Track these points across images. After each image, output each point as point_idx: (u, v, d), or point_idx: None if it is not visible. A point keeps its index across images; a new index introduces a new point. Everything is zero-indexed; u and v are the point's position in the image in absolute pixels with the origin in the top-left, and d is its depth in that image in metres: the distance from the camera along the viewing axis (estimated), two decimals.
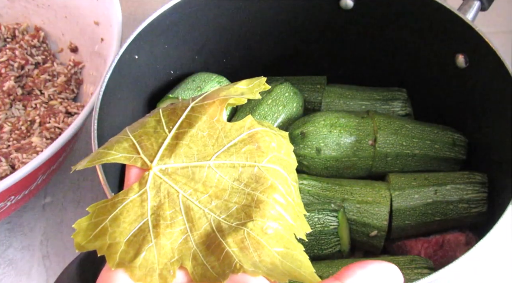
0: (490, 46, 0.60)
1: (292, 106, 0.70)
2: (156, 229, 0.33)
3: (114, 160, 0.35)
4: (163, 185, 0.35)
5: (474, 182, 0.62)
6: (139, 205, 0.34)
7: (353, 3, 0.69)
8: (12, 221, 0.73)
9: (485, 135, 0.65)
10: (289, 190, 0.37)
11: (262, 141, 0.37)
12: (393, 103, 0.71)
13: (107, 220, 0.34)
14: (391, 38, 0.71)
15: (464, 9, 0.64)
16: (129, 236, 0.33)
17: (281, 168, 0.37)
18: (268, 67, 0.77)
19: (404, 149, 0.66)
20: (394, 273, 0.29)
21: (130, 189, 0.35)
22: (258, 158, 0.36)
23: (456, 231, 0.63)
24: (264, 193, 0.35)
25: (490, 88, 0.62)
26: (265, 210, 0.34)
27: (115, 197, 0.35)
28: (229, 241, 0.33)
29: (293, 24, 0.73)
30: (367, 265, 0.28)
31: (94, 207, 0.34)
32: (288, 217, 0.35)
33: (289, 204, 0.36)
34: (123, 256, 0.32)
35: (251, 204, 0.35)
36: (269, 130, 0.38)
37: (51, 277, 0.68)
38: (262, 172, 0.36)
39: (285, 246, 0.33)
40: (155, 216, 0.34)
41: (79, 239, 0.33)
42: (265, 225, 0.34)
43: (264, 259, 0.32)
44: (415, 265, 0.57)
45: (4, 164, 0.68)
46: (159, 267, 0.32)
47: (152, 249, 0.33)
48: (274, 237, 0.34)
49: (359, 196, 0.63)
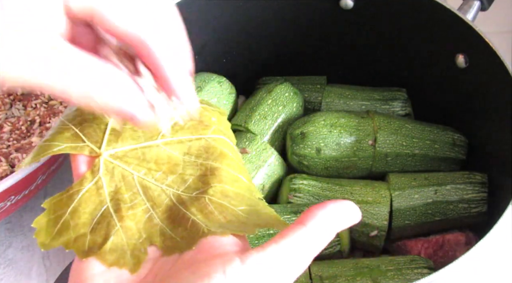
0: (490, 46, 0.60)
1: (292, 106, 0.70)
2: (119, 213, 0.33)
3: (59, 151, 0.35)
4: (116, 169, 0.35)
5: (474, 182, 0.62)
6: (96, 193, 0.34)
7: (353, 3, 0.69)
8: (12, 221, 0.73)
9: (485, 135, 0.65)
10: (238, 157, 0.37)
11: (203, 116, 0.38)
12: (393, 103, 0.71)
13: (67, 214, 0.33)
14: (391, 38, 0.71)
15: (464, 9, 0.64)
16: (92, 225, 0.33)
17: (226, 138, 0.38)
18: (268, 67, 0.77)
19: (404, 149, 0.66)
20: (352, 209, 0.31)
21: (83, 179, 0.34)
22: (203, 131, 0.37)
23: (456, 231, 0.63)
24: (216, 161, 0.36)
25: (490, 88, 0.62)
26: (221, 176, 0.35)
27: (70, 189, 0.34)
28: (193, 210, 0.33)
29: (293, 24, 0.73)
30: (327, 206, 0.30)
31: (50, 202, 0.34)
32: (244, 179, 0.36)
33: (242, 169, 0.37)
34: (91, 245, 0.32)
35: (206, 173, 0.35)
36: (207, 107, 0.39)
37: (51, 277, 0.68)
38: (209, 142, 0.37)
39: (248, 204, 0.34)
40: (114, 201, 0.34)
41: (42, 238, 0.33)
42: (224, 188, 0.34)
43: (231, 219, 0.33)
44: (415, 265, 0.57)
45: (4, 164, 0.68)
46: (129, 248, 0.32)
47: (119, 233, 0.33)
48: (235, 198, 0.34)
49: (359, 196, 0.63)
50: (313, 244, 0.29)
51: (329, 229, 0.30)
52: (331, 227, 0.30)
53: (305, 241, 0.29)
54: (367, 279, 0.55)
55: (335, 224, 0.30)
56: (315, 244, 0.29)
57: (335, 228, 0.30)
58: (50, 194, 0.75)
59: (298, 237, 0.29)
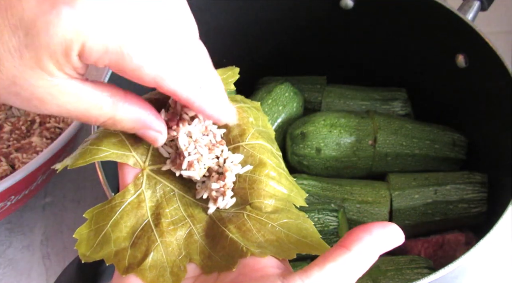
0: (490, 46, 0.60)
1: (292, 106, 0.70)
2: (159, 228, 0.33)
3: (106, 157, 0.34)
4: (158, 184, 0.35)
5: (474, 182, 0.62)
6: (138, 206, 0.34)
7: (353, 3, 0.69)
8: (12, 221, 0.73)
9: (485, 135, 0.65)
10: (277, 161, 0.36)
11: (240, 119, 0.36)
12: (393, 103, 0.71)
13: (108, 226, 0.33)
14: (391, 38, 0.71)
15: (464, 9, 0.64)
16: (133, 239, 0.33)
17: (264, 141, 0.36)
18: (268, 67, 0.77)
19: (404, 149, 0.66)
20: (396, 232, 0.29)
21: (126, 191, 0.34)
22: (240, 137, 0.36)
23: (456, 231, 0.63)
24: (255, 172, 0.35)
25: (490, 88, 0.62)
26: (260, 189, 0.34)
27: (112, 201, 0.34)
28: (231, 228, 0.32)
29: (293, 24, 0.73)
30: (372, 229, 0.29)
31: (91, 212, 0.34)
32: (283, 189, 0.35)
33: (281, 175, 0.36)
34: (131, 260, 0.32)
35: (244, 186, 0.34)
36: (243, 105, 0.38)
37: (51, 277, 0.68)
38: (248, 150, 0.36)
39: (288, 217, 0.33)
40: (155, 215, 0.34)
41: (83, 249, 0.33)
42: (263, 204, 0.33)
43: (269, 238, 0.32)
44: (415, 265, 0.57)
45: (4, 164, 0.68)
46: (169, 265, 0.32)
47: (159, 249, 0.32)
48: (274, 212, 0.33)
49: (359, 196, 0.63)
50: (357, 269, 0.28)
51: (373, 253, 0.29)
52: (376, 252, 0.29)
53: (350, 266, 0.28)
54: (367, 279, 0.55)
55: (379, 248, 0.29)
56: (359, 268, 0.28)
57: (379, 252, 0.29)
58: (50, 194, 0.75)
59: (343, 262, 0.28)
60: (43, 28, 0.26)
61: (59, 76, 0.27)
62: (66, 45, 0.26)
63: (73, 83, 0.28)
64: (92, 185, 0.76)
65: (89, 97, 0.29)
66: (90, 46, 0.26)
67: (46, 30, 0.26)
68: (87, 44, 0.26)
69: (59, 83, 0.27)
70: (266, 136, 0.37)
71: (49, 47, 0.26)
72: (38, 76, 0.27)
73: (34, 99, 0.28)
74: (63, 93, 0.28)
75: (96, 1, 0.26)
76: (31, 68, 0.26)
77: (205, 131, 0.35)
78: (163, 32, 0.29)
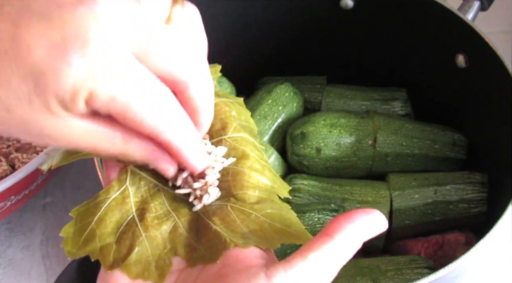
0: (490, 46, 0.60)
1: (292, 106, 0.70)
2: (144, 223, 0.33)
3: (90, 155, 0.34)
4: (142, 180, 0.35)
5: (474, 182, 0.62)
6: (122, 202, 0.34)
7: (353, 3, 0.69)
8: (12, 221, 0.73)
9: (485, 135, 0.65)
10: (260, 153, 0.36)
11: (222, 112, 0.37)
12: (393, 103, 0.71)
13: (93, 223, 0.33)
14: (391, 38, 0.71)
15: (464, 9, 0.64)
16: (118, 234, 0.33)
17: (247, 134, 0.36)
18: (268, 67, 0.77)
19: (404, 149, 0.66)
20: (379, 219, 0.30)
21: (110, 188, 0.34)
22: (222, 131, 0.36)
23: (456, 231, 0.63)
24: (238, 164, 0.35)
25: (490, 88, 0.62)
26: (243, 181, 0.34)
27: (97, 198, 0.34)
28: (215, 220, 0.33)
29: (293, 24, 0.73)
30: (355, 217, 0.29)
31: (77, 210, 0.34)
32: (266, 181, 0.35)
33: (265, 167, 0.36)
34: (116, 256, 0.32)
35: (228, 178, 0.34)
36: (225, 100, 0.38)
37: (51, 277, 0.68)
38: (230, 143, 0.36)
39: (271, 207, 0.33)
40: (140, 210, 0.34)
41: (69, 247, 0.33)
42: (246, 195, 0.34)
43: (253, 228, 0.32)
44: (415, 265, 0.57)
45: (4, 164, 0.68)
46: (154, 259, 0.32)
47: (144, 243, 0.32)
48: (258, 203, 0.33)
49: (359, 196, 0.63)
50: (340, 257, 0.28)
51: (356, 241, 0.29)
52: (359, 239, 0.29)
53: (333, 255, 0.28)
54: (367, 279, 0.55)
55: (362, 235, 0.29)
56: (342, 257, 0.28)
57: (362, 240, 0.29)
58: (50, 194, 0.75)
59: (326, 251, 0.28)
60: (53, 76, 0.26)
61: (67, 117, 0.27)
62: (74, 92, 0.26)
63: (82, 122, 0.28)
64: (92, 185, 0.76)
65: (99, 135, 0.29)
66: (97, 94, 0.27)
67: (55, 78, 0.26)
68: (94, 92, 0.26)
69: (67, 123, 0.28)
70: (249, 130, 0.37)
71: (58, 94, 0.26)
72: (47, 118, 0.27)
73: (44, 136, 0.28)
74: (73, 131, 0.28)
75: (107, 49, 0.26)
76: (40, 112, 0.27)
77: None
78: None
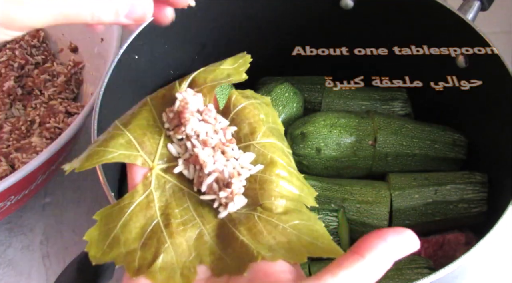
0: (490, 46, 0.60)
1: (292, 106, 0.70)
2: (169, 229, 0.32)
3: (113, 159, 0.34)
4: (167, 184, 0.34)
5: (474, 182, 0.62)
6: (147, 207, 0.33)
7: (353, 3, 0.69)
8: (12, 221, 0.73)
9: (485, 135, 0.65)
10: (288, 160, 0.36)
11: (251, 116, 0.36)
12: (393, 103, 0.71)
13: (117, 228, 0.33)
14: (391, 38, 0.71)
15: (464, 9, 0.64)
16: (143, 240, 0.32)
17: (275, 139, 0.36)
18: (268, 67, 0.77)
19: (404, 149, 0.66)
20: (411, 239, 0.29)
21: (134, 192, 0.34)
22: (251, 136, 0.35)
23: (456, 231, 0.63)
24: (266, 172, 0.34)
25: (490, 88, 0.62)
26: (270, 190, 0.33)
27: (121, 202, 0.34)
28: (242, 230, 0.32)
29: (293, 24, 0.73)
30: (387, 236, 0.28)
31: (101, 214, 0.33)
32: (294, 190, 0.34)
33: (292, 175, 0.35)
34: (141, 262, 0.31)
35: (255, 186, 0.34)
36: (254, 102, 0.37)
37: (51, 277, 0.68)
38: (259, 149, 0.35)
39: (299, 218, 0.32)
40: (165, 216, 0.33)
41: (94, 251, 0.32)
42: (274, 205, 0.33)
43: (280, 240, 0.31)
44: (415, 265, 0.57)
45: (4, 164, 0.68)
46: (179, 267, 0.31)
47: (169, 250, 0.32)
48: (285, 213, 0.32)
49: (359, 196, 0.63)
50: (371, 277, 0.28)
51: (388, 261, 0.28)
52: (390, 259, 0.28)
53: (363, 274, 0.27)
54: None
55: (394, 255, 0.28)
56: (373, 276, 0.28)
57: (393, 260, 0.28)
58: (50, 194, 0.75)
59: (357, 270, 0.27)
60: None
61: None
62: None
63: None
64: (92, 185, 0.76)
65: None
66: None
67: None
68: None
69: None
70: (277, 133, 0.37)
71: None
72: None
73: None
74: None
75: None
76: None
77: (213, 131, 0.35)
78: None
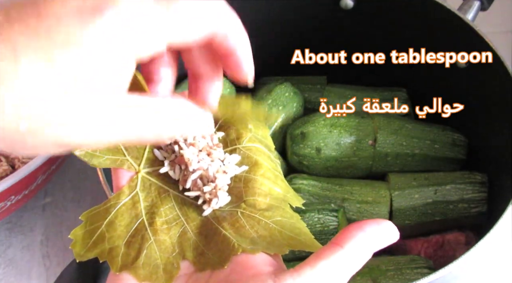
0: (490, 46, 0.60)
1: (292, 106, 0.70)
2: (153, 227, 0.33)
3: (100, 165, 0.35)
4: (152, 185, 0.35)
5: (474, 182, 0.62)
6: (132, 207, 0.34)
7: (353, 3, 0.69)
8: (12, 221, 0.73)
9: (485, 135, 0.65)
10: (274, 164, 0.37)
11: (238, 123, 0.37)
12: (393, 103, 0.71)
13: (103, 226, 0.34)
14: (391, 38, 0.71)
15: (464, 9, 0.64)
16: (127, 238, 0.33)
17: (262, 146, 0.37)
18: (268, 67, 0.77)
19: (404, 149, 0.66)
20: (390, 229, 0.29)
21: (121, 193, 0.35)
22: (237, 140, 0.37)
23: (456, 231, 0.63)
24: (251, 172, 0.35)
25: (490, 88, 0.62)
26: (255, 188, 0.34)
27: (107, 202, 0.35)
28: (225, 225, 0.33)
29: (293, 24, 0.73)
30: (366, 227, 0.28)
31: (87, 214, 0.35)
32: (278, 189, 0.35)
33: (277, 177, 0.36)
34: (125, 258, 0.32)
35: (240, 185, 0.35)
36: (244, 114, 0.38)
37: (51, 277, 0.68)
38: (244, 152, 0.36)
39: (281, 215, 0.33)
40: (149, 214, 0.34)
41: (78, 248, 0.33)
42: (257, 202, 0.34)
43: (262, 234, 0.32)
44: (415, 265, 0.57)
45: (4, 164, 0.68)
46: (162, 262, 0.32)
47: (153, 246, 0.33)
48: (268, 210, 0.34)
49: (359, 196, 0.63)
50: (350, 267, 0.28)
51: (367, 251, 0.28)
52: (369, 249, 0.28)
53: (343, 264, 0.27)
54: (367, 279, 0.55)
55: (372, 245, 0.28)
56: (352, 266, 0.28)
57: (372, 250, 0.29)
58: (50, 194, 0.75)
59: (335, 260, 0.27)
60: None
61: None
62: None
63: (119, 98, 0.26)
64: (92, 185, 0.76)
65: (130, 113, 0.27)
66: None
67: None
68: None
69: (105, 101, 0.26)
70: (264, 145, 0.38)
71: None
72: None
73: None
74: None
75: None
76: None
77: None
78: None
